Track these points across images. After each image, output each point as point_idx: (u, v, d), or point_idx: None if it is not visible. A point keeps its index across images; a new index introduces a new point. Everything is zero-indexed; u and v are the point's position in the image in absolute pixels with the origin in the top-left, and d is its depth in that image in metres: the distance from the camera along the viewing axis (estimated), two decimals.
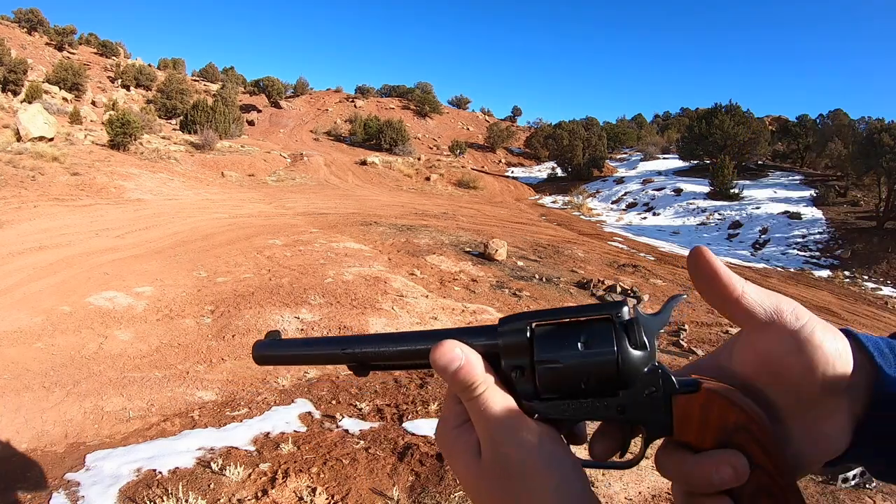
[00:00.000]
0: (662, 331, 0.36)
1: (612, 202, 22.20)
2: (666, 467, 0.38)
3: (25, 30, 36.27)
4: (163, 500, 2.41)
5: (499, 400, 0.37)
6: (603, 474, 2.72)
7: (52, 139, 13.70)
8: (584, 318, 0.38)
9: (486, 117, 44.62)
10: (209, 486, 2.57)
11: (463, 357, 0.37)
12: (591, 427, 0.40)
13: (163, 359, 4.26)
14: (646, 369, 0.36)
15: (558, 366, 0.37)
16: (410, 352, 0.41)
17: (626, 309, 0.37)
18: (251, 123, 33.40)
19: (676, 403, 0.36)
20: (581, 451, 0.39)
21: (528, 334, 0.38)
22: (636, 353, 0.36)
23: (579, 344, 0.36)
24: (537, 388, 0.38)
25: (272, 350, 0.46)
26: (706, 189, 20.28)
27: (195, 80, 42.58)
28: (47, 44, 36.01)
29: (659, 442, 0.38)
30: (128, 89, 33.75)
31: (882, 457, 0.38)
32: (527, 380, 0.38)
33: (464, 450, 0.39)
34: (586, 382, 0.37)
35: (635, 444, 0.40)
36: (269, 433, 3.14)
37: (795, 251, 14.68)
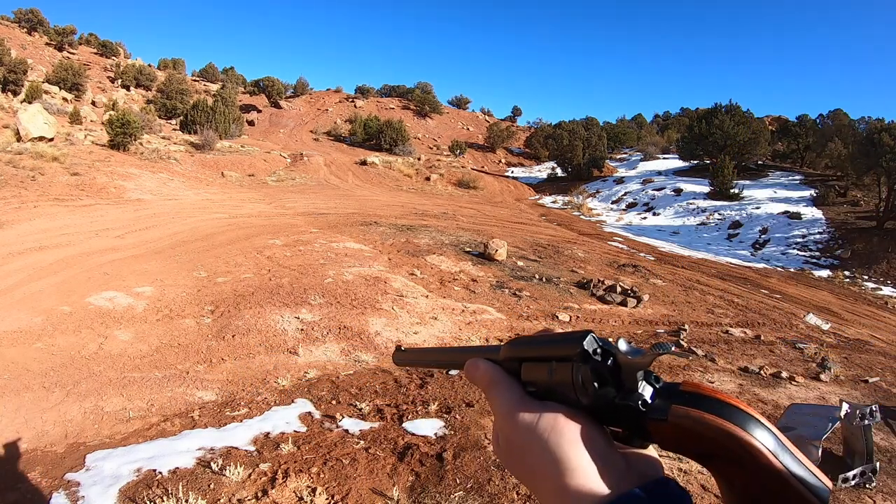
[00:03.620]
0: (662, 331, 0.38)
1: (612, 202, 22.20)
2: None
3: (25, 30, 36.25)
4: (163, 500, 2.41)
5: (503, 395, 0.44)
6: None
7: (52, 139, 13.71)
8: (552, 355, 0.41)
9: (486, 117, 44.61)
10: (209, 486, 2.57)
11: (478, 368, 0.48)
12: None
13: (163, 359, 4.26)
14: (613, 399, 0.38)
15: (532, 389, 0.43)
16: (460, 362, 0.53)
17: (586, 348, 0.38)
18: (251, 123, 33.40)
19: (651, 426, 0.37)
20: None
21: (519, 364, 0.45)
22: (596, 390, 0.38)
23: (549, 372, 0.41)
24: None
25: (403, 354, 0.66)
26: (706, 189, 20.28)
27: (195, 80, 42.56)
28: (47, 44, 35.99)
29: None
30: (128, 89, 33.74)
31: None
32: None
33: (493, 436, 0.47)
34: (561, 399, 0.41)
35: None
36: (269, 433, 3.14)
37: (795, 251, 14.68)
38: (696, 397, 0.35)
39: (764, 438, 0.32)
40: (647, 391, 0.37)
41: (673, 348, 0.38)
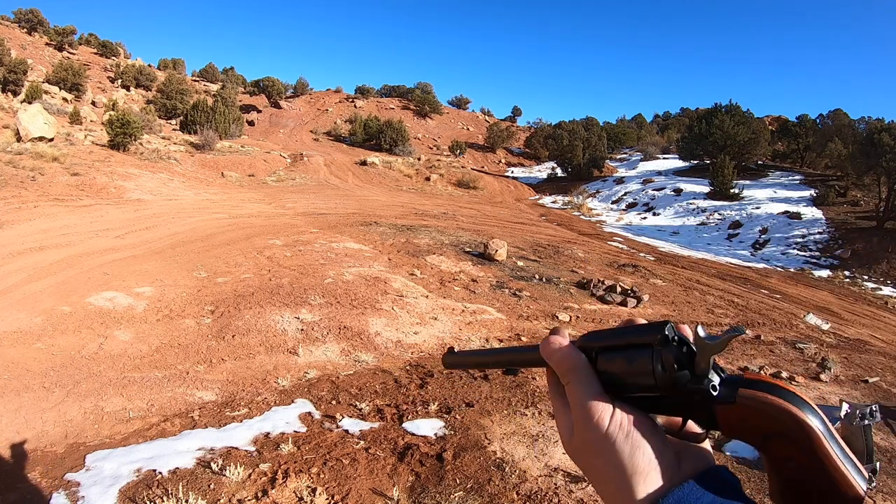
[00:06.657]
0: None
1: (612, 202, 22.20)
2: None
3: (25, 30, 36.24)
4: (163, 501, 2.41)
5: (584, 385, 0.45)
6: None
7: (52, 139, 13.71)
8: (633, 342, 0.44)
9: (486, 117, 44.60)
10: (209, 486, 2.57)
11: (561, 348, 0.47)
12: None
13: (163, 359, 4.26)
14: (687, 384, 0.41)
15: (612, 375, 0.45)
16: (525, 359, 0.55)
17: (667, 334, 0.41)
18: (251, 124, 33.40)
19: (718, 410, 0.40)
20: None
21: (594, 353, 0.47)
22: (674, 374, 0.41)
23: (628, 360, 0.44)
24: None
25: (454, 358, 0.66)
26: (706, 189, 20.27)
27: (195, 81, 42.55)
28: (47, 44, 35.97)
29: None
30: (128, 89, 33.72)
31: None
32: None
33: (562, 427, 0.47)
34: (634, 388, 0.44)
35: None
36: (269, 433, 3.14)
37: (795, 251, 14.67)
38: (758, 383, 0.40)
39: (817, 423, 0.37)
40: (715, 378, 0.41)
41: (746, 331, 0.41)
